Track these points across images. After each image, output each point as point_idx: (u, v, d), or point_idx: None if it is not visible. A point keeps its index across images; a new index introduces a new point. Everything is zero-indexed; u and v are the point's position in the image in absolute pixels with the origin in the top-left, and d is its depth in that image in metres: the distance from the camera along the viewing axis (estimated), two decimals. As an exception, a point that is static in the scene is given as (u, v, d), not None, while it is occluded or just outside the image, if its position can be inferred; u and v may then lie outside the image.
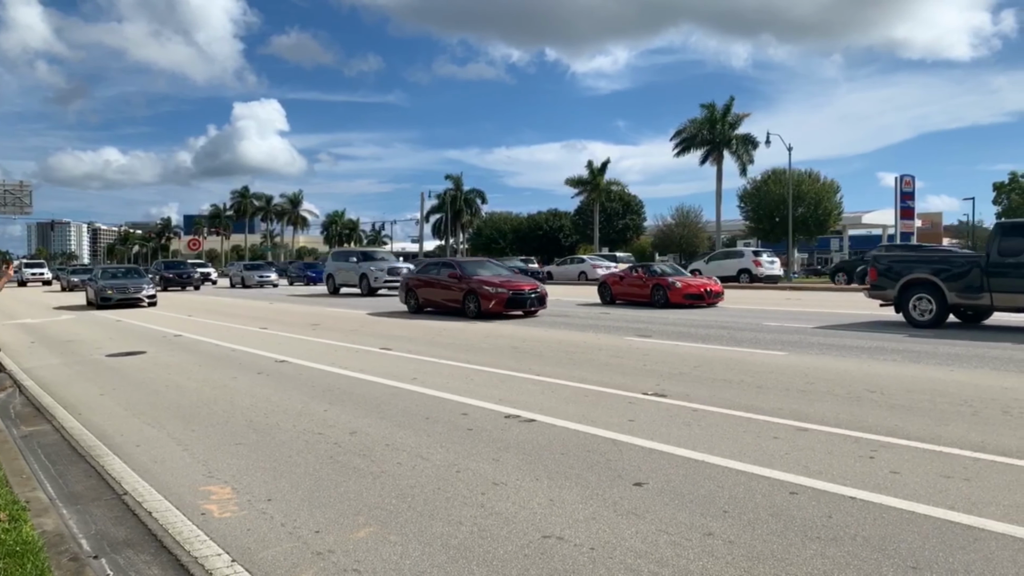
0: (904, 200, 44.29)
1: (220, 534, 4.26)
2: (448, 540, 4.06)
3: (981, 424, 6.33)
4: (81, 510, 4.80)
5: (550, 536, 4.06)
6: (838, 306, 20.54)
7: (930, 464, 5.21)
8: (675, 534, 4.04)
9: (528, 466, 5.39)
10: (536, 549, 3.89)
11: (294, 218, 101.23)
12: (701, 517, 4.28)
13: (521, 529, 4.18)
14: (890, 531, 3.99)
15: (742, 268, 36.82)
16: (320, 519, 4.45)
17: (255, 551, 4.01)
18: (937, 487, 4.70)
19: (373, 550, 3.95)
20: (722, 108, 50.23)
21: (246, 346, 13.51)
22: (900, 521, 4.14)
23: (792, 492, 4.67)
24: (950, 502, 4.41)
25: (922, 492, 4.60)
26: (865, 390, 7.90)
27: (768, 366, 9.76)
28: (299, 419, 7.21)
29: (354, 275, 31.44)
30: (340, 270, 32.95)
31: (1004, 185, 55.37)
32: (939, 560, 3.62)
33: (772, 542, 3.89)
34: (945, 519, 4.15)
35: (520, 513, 4.43)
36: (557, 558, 3.77)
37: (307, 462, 5.69)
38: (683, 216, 67.67)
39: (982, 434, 5.97)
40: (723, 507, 4.43)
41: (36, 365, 11.83)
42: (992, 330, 13.67)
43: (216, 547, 4.07)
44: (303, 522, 4.41)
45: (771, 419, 6.68)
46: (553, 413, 7.07)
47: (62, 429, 7.15)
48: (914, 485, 4.74)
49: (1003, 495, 4.53)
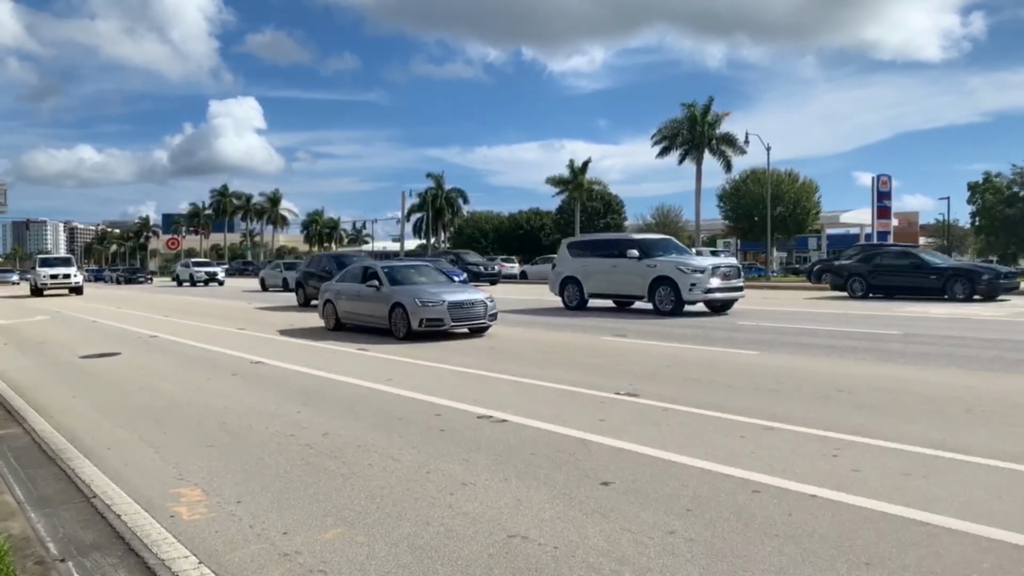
0: (881, 200, 44.92)
1: (188, 536, 4.28)
2: (415, 540, 4.10)
3: (943, 422, 6.47)
4: (49, 514, 4.79)
5: (515, 535, 4.12)
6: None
7: (891, 462, 5.33)
8: (638, 532, 4.11)
9: (498, 466, 5.45)
10: (501, 549, 3.95)
11: (274, 217, 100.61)
12: (664, 516, 4.35)
13: (487, 529, 4.23)
14: (847, 528, 4.09)
15: None
16: (289, 520, 4.48)
17: (222, 553, 4.04)
18: (896, 485, 4.81)
19: (340, 551, 3.99)
20: (702, 107, 50.54)
21: (222, 347, 13.47)
22: (858, 519, 4.24)
23: (755, 491, 4.76)
24: (907, 499, 4.51)
25: (881, 490, 4.70)
26: (834, 389, 8.03)
27: (740, 365, 9.89)
28: (272, 420, 7.23)
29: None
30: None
31: (979, 185, 56.07)
32: (892, 556, 3.71)
33: (732, 540, 3.97)
34: (901, 516, 4.25)
35: (487, 513, 4.49)
36: (521, 557, 3.83)
37: (278, 464, 5.71)
38: (663, 216, 68.16)
39: (943, 432, 6.10)
40: (686, 506, 4.51)
41: (8, 367, 11.72)
42: (959, 327, 13.90)
43: (184, 549, 4.09)
44: (272, 524, 4.44)
45: (740, 418, 6.78)
46: (526, 413, 7.13)
47: (33, 432, 7.11)
48: (874, 483, 4.85)
49: (958, 492, 4.64)
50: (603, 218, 66.95)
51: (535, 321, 17.31)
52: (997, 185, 55.14)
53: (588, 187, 63.48)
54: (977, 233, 61.44)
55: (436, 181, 76.95)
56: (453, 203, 78.52)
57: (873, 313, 17.74)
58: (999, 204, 53.93)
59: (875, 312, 18.03)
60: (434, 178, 77.14)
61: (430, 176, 77.50)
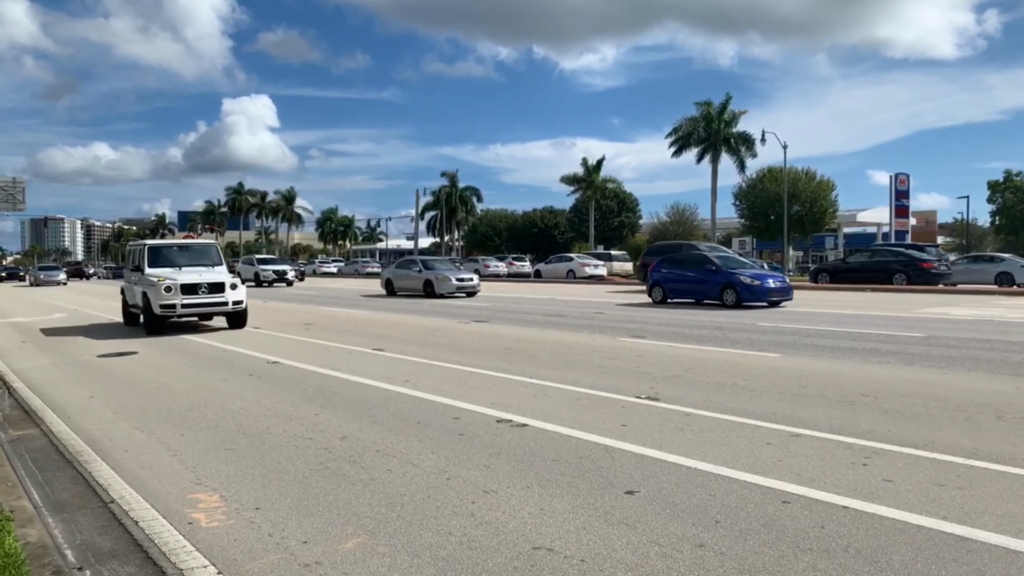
0: (899, 199, 44.46)
1: (207, 545, 4.21)
2: (437, 552, 4.01)
3: (974, 430, 6.31)
4: (67, 519, 4.74)
5: (540, 547, 4.02)
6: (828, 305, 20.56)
7: (923, 471, 5.19)
8: (666, 545, 4.00)
9: (519, 473, 5.35)
10: (526, 561, 3.85)
11: (288, 215, 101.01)
12: (693, 527, 4.24)
13: (511, 540, 4.14)
14: (883, 542, 3.96)
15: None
16: (308, 529, 4.41)
17: (241, 563, 3.96)
18: (930, 496, 4.67)
19: (361, 562, 3.91)
20: (718, 105, 50.23)
21: (238, 346, 13.44)
22: (893, 531, 4.11)
23: (784, 501, 4.64)
24: (943, 512, 4.38)
25: (915, 501, 4.57)
26: (859, 394, 7.88)
27: (762, 368, 9.74)
28: (289, 423, 7.16)
29: None
30: None
31: (999, 184, 55.47)
32: (931, 573, 3.59)
33: (764, 554, 3.86)
34: (938, 529, 4.11)
35: (510, 523, 4.39)
36: (547, 571, 3.72)
37: (296, 468, 5.64)
38: (678, 214, 67.70)
39: (975, 440, 5.95)
40: (715, 517, 4.40)
41: (27, 366, 11.75)
42: (985, 329, 13.67)
43: (202, 558, 4.02)
44: (291, 532, 4.37)
45: (764, 424, 6.65)
46: (545, 417, 7.03)
47: (50, 433, 7.08)
48: (907, 494, 4.72)
49: (996, 504, 4.50)
50: (617, 216, 66.69)
51: (548, 322, 17.21)
52: (1018, 184, 54.50)
53: (602, 185, 63.31)
54: (997, 232, 60.73)
55: (450, 179, 77.02)
56: (467, 201, 78.53)
57: (894, 314, 17.51)
58: (1020, 203, 53.26)
59: (896, 313, 17.81)
60: (448, 176, 77.25)
61: (444, 174, 77.64)
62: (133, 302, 17.04)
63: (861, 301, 22.47)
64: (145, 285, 15.89)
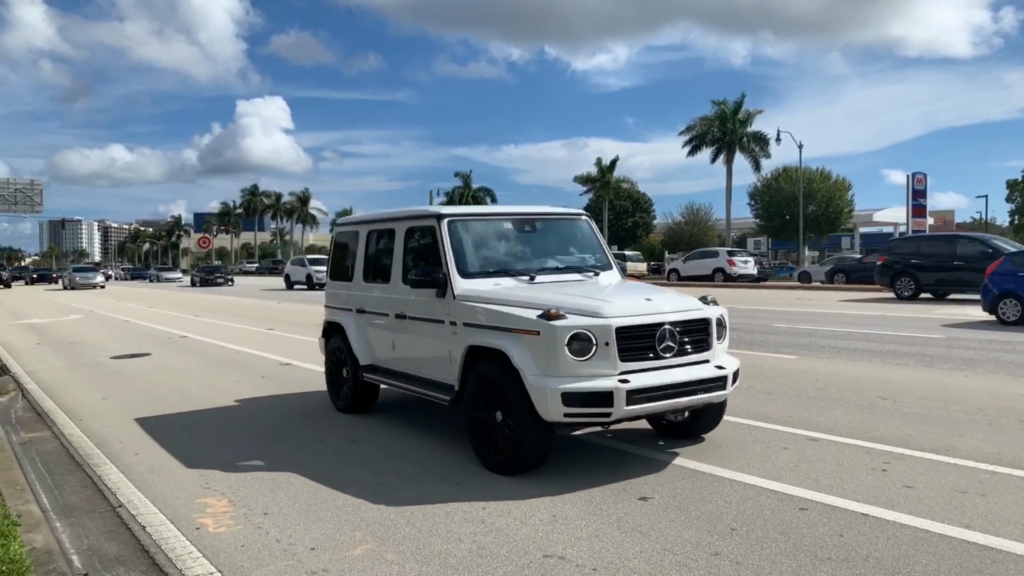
0: (916, 198, 43.93)
1: (214, 551, 4.16)
2: (447, 559, 3.94)
3: (997, 434, 6.16)
4: (75, 523, 4.71)
5: (551, 555, 3.93)
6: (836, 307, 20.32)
7: (945, 477, 5.06)
8: (680, 554, 3.91)
9: (530, 477, 5.26)
10: (537, 570, 3.77)
11: (303, 216, 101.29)
12: (708, 535, 4.15)
13: (522, 547, 4.06)
14: (904, 551, 3.85)
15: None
16: (316, 535, 4.35)
17: (248, 570, 3.91)
18: (952, 503, 4.55)
19: (369, 570, 3.84)
20: (733, 105, 49.90)
21: (251, 348, 13.44)
22: (914, 540, 3.99)
23: (802, 508, 4.53)
24: (966, 520, 4.26)
25: (937, 509, 4.45)
26: (877, 397, 7.74)
27: (778, 370, 9.61)
28: (300, 425, 7.12)
29: None
30: None
31: (1018, 182, 54.75)
32: (955, 585, 3.48)
33: (781, 563, 3.75)
34: (961, 538, 4.00)
35: (521, 529, 4.31)
36: (558, 580, 3.64)
37: (306, 472, 5.58)
38: (693, 214, 67.40)
39: (998, 445, 5.81)
40: (731, 524, 4.30)
41: (40, 367, 11.78)
42: (1004, 331, 13.44)
43: (209, 565, 3.96)
44: (299, 538, 4.31)
45: (781, 428, 6.54)
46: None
47: (61, 436, 7.07)
48: (928, 501, 4.60)
49: (1021, 512, 4.37)
50: (632, 216, 66.43)
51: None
52: (1037, 182, 53.80)
53: (616, 185, 63.02)
54: (1016, 232, 60.01)
55: (464, 180, 76.97)
56: (481, 202, 78.42)
57: (912, 316, 17.27)
58: (1040, 202, 52.62)
59: (914, 314, 17.56)
60: (462, 176, 77.18)
61: (458, 175, 77.53)
62: (369, 362, 7.25)
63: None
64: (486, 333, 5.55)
